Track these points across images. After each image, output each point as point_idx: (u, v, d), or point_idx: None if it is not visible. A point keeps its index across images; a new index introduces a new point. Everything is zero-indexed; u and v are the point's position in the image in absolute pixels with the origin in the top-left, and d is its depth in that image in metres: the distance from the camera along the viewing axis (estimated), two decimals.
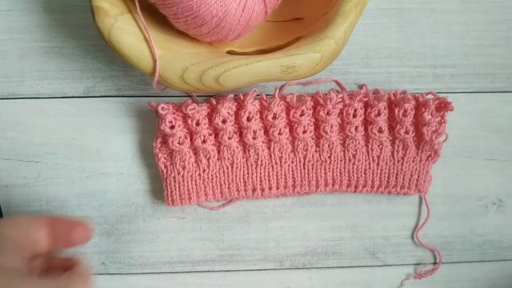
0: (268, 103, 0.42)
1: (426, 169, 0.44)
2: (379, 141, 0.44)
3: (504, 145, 0.47)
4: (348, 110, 0.43)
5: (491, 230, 0.47)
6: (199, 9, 0.36)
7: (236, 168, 0.43)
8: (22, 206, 0.45)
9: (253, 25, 0.39)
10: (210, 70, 0.38)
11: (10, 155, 0.45)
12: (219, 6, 0.36)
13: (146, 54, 0.38)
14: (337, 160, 0.44)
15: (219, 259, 0.46)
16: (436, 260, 0.46)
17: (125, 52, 0.38)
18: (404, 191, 0.44)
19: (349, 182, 0.44)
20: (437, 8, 0.48)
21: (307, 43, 0.39)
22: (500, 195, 0.47)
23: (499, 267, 0.47)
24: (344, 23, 0.39)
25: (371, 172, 0.44)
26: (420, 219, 0.47)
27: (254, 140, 0.42)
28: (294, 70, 0.38)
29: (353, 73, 0.47)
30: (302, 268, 0.46)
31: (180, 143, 0.42)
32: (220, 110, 0.41)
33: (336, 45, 0.38)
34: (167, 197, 0.43)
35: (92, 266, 0.45)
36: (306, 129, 0.43)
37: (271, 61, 0.38)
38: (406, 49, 0.48)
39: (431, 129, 0.43)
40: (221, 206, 0.46)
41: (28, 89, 0.46)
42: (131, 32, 0.38)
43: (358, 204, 0.46)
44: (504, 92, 0.48)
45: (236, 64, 0.38)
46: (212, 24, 0.37)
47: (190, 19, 0.37)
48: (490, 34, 0.48)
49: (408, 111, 0.43)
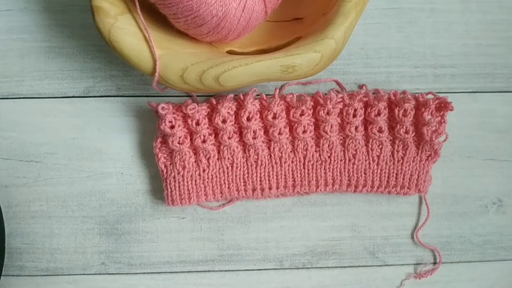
0: (268, 103, 0.42)
1: (426, 169, 0.44)
2: (379, 141, 0.44)
3: (504, 145, 0.47)
4: (348, 110, 0.43)
5: (491, 230, 0.47)
6: (199, 9, 0.36)
7: (236, 168, 0.43)
8: (22, 206, 0.45)
9: (253, 25, 0.39)
10: (210, 70, 0.38)
11: (10, 155, 0.45)
12: (219, 6, 0.36)
13: (146, 54, 0.38)
14: (337, 160, 0.44)
15: (219, 259, 0.46)
16: (436, 260, 0.46)
17: (125, 52, 0.38)
18: (404, 191, 0.44)
19: (349, 182, 0.44)
20: (437, 8, 0.48)
21: (307, 43, 0.39)
22: (500, 195, 0.47)
23: (499, 267, 0.47)
24: (344, 23, 0.39)
25: (371, 172, 0.44)
26: (420, 219, 0.47)
27: (254, 140, 0.42)
28: (294, 70, 0.38)
29: (353, 73, 0.47)
30: (302, 268, 0.46)
31: (180, 143, 0.42)
32: (220, 110, 0.41)
33: (336, 45, 0.38)
34: (167, 197, 0.43)
35: (91, 266, 0.45)
36: (306, 129, 0.43)
37: (271, 61, 0.38)
38: (406, 49, 0.48)
39: (431, 129, 0.43)
40: (221, 206, 0.46)
41: (28, 89, 0.46)
42: (131, 32, 0.38)
43: (358, 204, 0.46)
44: (504, 92, 0.48)
45: (236, 64, 0.38)
46: (212, 24, 0.37)
47: (190, 19, 0.37)
48: (490, 34, 0.48)
49: (408, 111, 0.43)
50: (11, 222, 0.45)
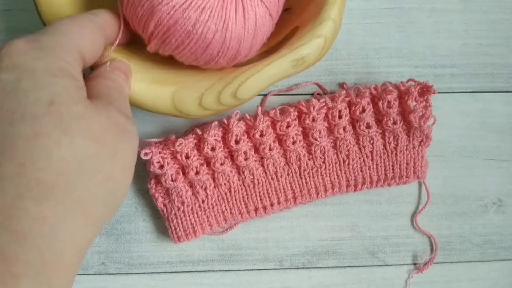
0: (252, 122, 0.42)
1: (421, 154, 0.44)
2: (369, 136, 0.44)
3: (504, 145, 0.47)
4: (333, 113, 0.43)
5: (491, 230, 0.47)
6: (196, 30, 0.35)
7: (235, 192, 0.43)
8: None
9: (263, 32, 0.38)
10: (226, 88, 0.37)
11: None
12: (216, 20, 0.35)
13: (160, 95, 0.37)
14: (332, 163, 0.44)
15: (219, 259, 0.46)
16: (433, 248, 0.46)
17: (139, 100, 0.37)
18: (403, 181, 0.44)
19: (347, 182, 0.44)
20: (437, 7, 0.48)
21: (307, 31, 0.38)
22: (500, 195, 0.47)
23: (499, 267, 0.47)
24: (336, 0, 0.38)
25: (367, 168, 0.44)
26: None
27: (247, 161, 0.42)
28: (304, 61, 0.38)
29: (353, 73, 0.47)
30: (302, 268, 0.46)
31: (174, 180, 0.42)
32: (207, 139, 0.41)
33: (335, 24, 0.38)
34: (172, 235, 0.43)
35: (91, 266, 0.45)
36: (295, 139, 0.43)
37: (281, 60, 0.38)
38: (406, 49, 0.48)
39: (418, 115, 0.43)
40: (228, 229, 0.46)
41: None
42: (138, 79, 0.37)
43: (358, 204, 0.46)
44: (504, 92, 0.48)
45: (248, 74, 0.37)
46: (218, 42, 0.36)
47: (192, 44, 0.36)
48: (490, 34, 0.48)
49: (392, 102, 0.43)
50: None
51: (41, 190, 0.26)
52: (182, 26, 0.35)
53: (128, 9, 0.36)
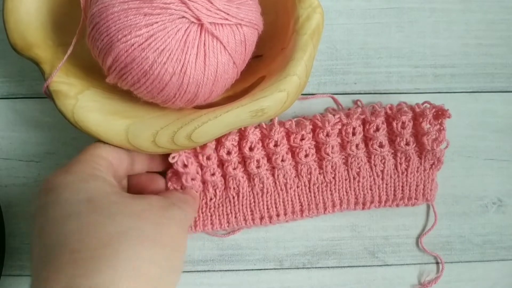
0: (268, 131, 0.42)
1: (431, 177, 0.44)
2: (381, 155, 0.44)
3: (504, 145, 0.47)
4: (347, 129, 0.43)
5: (491, 230, 0.47)
6: (153, 71, 0.34)
7: (243, 198, 0.43)
8: (22, 206, 0.45)
9: (225, 79, 0.37)
10: (181, 130, 0.37)
11: (10, 155, 0.45)
12: (175, 63, 0.34)
13: (113, 128, 0.38)
14: (342, 179, 0.44)
15: (219, 259, 0.46)
16: (439, 268, 0.46)
17: (93, 130, 0.37)
18: (412, 202, 0.44)
19: (356, 200, 0.44)
20: (437, 7, 0.48)
21: (271, 83, 0.38)
22: (500, 195, 0.47)
23: (499, 267, 0.47)
24: (303, 57, 0.38)
25: (377, 187, 0.44)
26: (418, 218, 0.46)
27: (258, 169, 0.42)
28: (264, 113, 0.38)
29: (353, 73, 0.47)
30: (302, 268, 0.46)
31: (193, 179, 0.42)
32: (225, 143, 0.41)
33: (300, 79, 0.38)
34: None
35: None
36: (308, 152, 0.43)
37: (240, 109, 0.37)
38: (406, 49, 0.48)
39: (431, 138, 0.43)
40: (230, 233, 0.46)
41: (28, 89, 0.46)
42: (95, 109, 0.38)
43: None
44: (504, 92, 0.48)
45: (205, 119, 0.37)
46: (175, 84, 0.35)
47: (148, 84, 0.35)
48: (490, 34, 0.48)
49: (406, 123, 0.43)
50: (11, 222, 0.45)
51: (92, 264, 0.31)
52: (139, 65, 0.34)
53: (89, 39, 0.36)
